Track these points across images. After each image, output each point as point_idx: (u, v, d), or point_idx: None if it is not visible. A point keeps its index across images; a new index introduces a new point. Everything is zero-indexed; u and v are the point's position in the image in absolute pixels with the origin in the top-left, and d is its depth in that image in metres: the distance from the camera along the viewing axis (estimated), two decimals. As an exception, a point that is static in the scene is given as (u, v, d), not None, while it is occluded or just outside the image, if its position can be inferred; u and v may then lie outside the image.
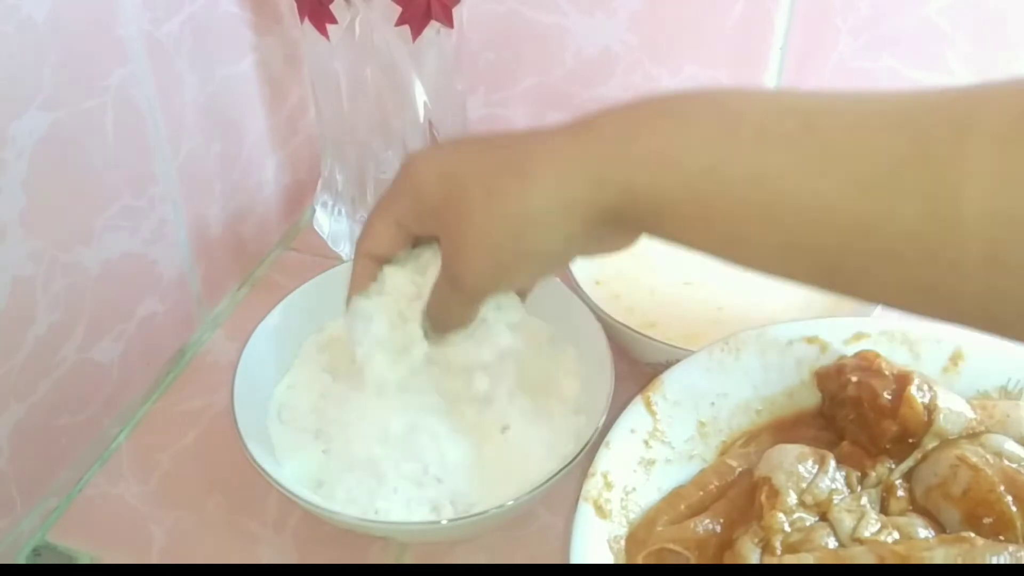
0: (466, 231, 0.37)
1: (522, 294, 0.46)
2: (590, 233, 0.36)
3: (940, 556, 0.39)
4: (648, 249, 0.41)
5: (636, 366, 0.54)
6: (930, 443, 0.44)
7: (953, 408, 0.45)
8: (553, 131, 0.36)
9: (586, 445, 0.46)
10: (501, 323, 0.45)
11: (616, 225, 0.35)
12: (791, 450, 0.44)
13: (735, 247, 0.33)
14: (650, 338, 0.52)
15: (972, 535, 0.40)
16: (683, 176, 0.32)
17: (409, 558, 0.50)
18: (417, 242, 0.44)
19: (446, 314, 0.43)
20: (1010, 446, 0.44)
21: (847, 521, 0.42)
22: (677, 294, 0.59)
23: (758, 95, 0.34)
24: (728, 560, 0.42)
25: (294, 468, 0.49)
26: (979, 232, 0.27)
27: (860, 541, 0.41)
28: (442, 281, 0.41)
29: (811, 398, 0.50)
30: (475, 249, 0.37)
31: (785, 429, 0.49)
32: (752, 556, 0.41)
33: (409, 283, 0.45)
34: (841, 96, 0.32)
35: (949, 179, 0.27)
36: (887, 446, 0.45)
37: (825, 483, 0.43)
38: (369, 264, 0.44)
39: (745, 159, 0.31)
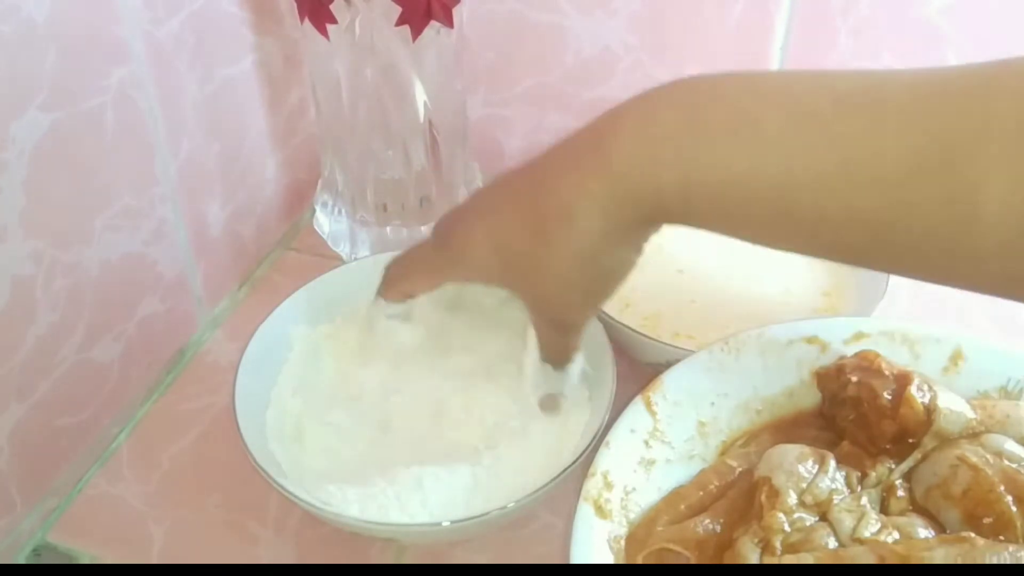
0: (547, 287, 0.41)
1: None
2: (641, 232, 0.39)
3: (940, 556, 0.39)
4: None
5: (636, 366, 0.54)
6: (930, 443, 0.44)
7: (953, 408, 0.45)
8: (573, 160, 0.38)
9: (587, 446, 0.46)
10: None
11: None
12: (791, 450, 0.44)
13: (763, 241, 0.35)
14: (650, 338, 0.52)
15: (972, 535, 0.40)
16: (709, 192, 0.34)
17: (409, 558, 0.50)
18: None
19: (562, 352, 0.47)
20: (1010, 446, 0.44)
21: (847, 521, 0.42)
22: (671, 283, 0.59)
23: (770, 87, 0.34)
24: (728, 560, 0.42)
25: (293, 466, 0.49)
26: (996, 227, 0.28)
27: (860, 541, 0.41)
28: (544, 329, 0.46)
29: (811, 398, 0.50)
30: (563, 296, 0.41)
31: (785, 429, 0.49)
32: (752, 556, 0.41)
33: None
34: (853, 85, 0.32)
35: (969, 179, 0.28)
36: (887, 446, 0.45)
37: (825, 483, 0.43)
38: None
39: (767, 171, 0.32)
